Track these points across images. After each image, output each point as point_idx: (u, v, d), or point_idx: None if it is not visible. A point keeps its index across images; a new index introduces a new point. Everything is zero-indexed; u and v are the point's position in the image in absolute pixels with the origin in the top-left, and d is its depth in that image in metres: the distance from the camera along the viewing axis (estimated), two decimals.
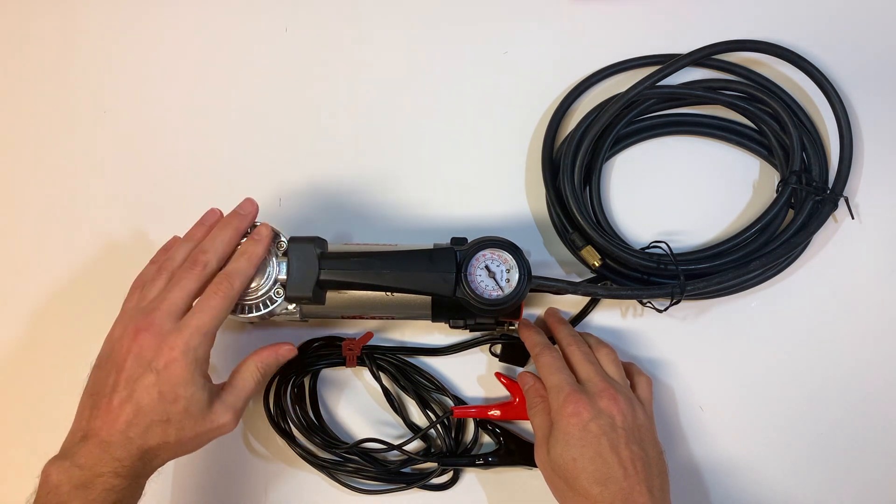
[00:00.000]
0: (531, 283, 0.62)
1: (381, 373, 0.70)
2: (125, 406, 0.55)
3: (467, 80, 0.78)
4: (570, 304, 0.72)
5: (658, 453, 0.60)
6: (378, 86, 0.79)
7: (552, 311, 0.71)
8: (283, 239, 0.61)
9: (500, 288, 0.61)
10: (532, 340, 0.66)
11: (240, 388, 0.60)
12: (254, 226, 0.63)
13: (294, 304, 0.63)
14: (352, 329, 0.73)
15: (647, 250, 0.69)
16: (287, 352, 0.62)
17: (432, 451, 0.70)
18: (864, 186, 0.73)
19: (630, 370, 0.67)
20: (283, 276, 0.60)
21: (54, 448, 0.57)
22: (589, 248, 0.69)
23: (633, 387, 0.65)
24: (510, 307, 0.62)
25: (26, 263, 0.76)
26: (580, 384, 0.61)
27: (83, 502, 0.53)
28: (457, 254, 0.62)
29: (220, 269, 0.60)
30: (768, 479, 0.69)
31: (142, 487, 0.57)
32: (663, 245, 0.68)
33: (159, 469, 0.59)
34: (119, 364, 0.56)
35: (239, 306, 0.60)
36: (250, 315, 0.61)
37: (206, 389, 0.57)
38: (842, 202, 0.70)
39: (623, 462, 0.56)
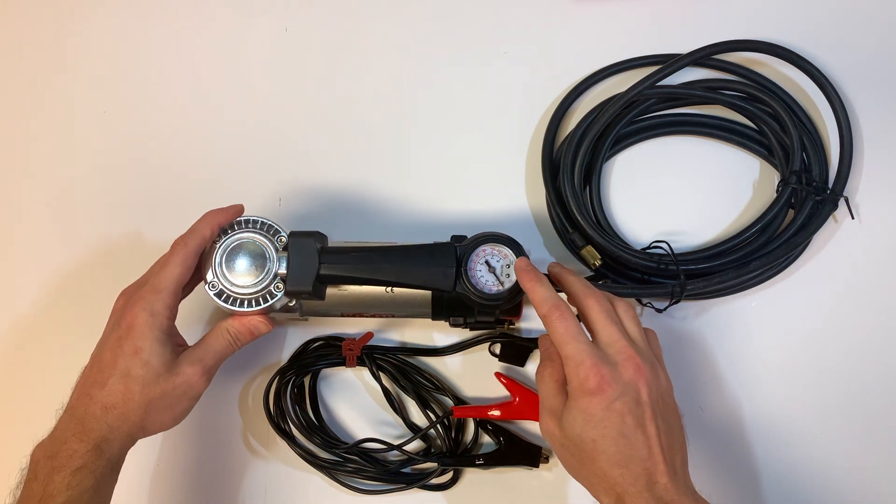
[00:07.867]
0: None
1: (381, 373, 0.70)
2: (91, 368, 0.58)
3: (467, 80, 0.78)
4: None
5: (679, 423, 0.56)
6: (378, 85, 0.79)
7: (557, 265, 0.62)
8: (283, 234, 0.62)
9: (501, 283, 0.61)
10: (539, 295, 0.57)
11: (206, 344, 0.61)
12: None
13: (294, 300, 0.63)
14: (352, 329, 0.73)
15: (647, 250, 0.69)
16: (260, 323, 0.62)
17: (432, 451, 0.70)
18: (864, 186, 0.73)
19: None
20: (282, 271, 0.60)
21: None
22: (589, 247, 0.69)
23: None
24: (510, 303, 0.62)
25: (24, 263, 0.76)
26: (600, 350, 0.54)
27: (50, 470, 0.54)
28: (457, 249, 0.62)
29: (201, 250, 0.61)
30: (768, 480, 0.69)
31: (109, 460, 0.56)
32: (664, 245, 0.68)
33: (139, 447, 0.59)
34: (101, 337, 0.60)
35: (239, 300, 0.60)
36: (250, 310, 0.60)
37: (170, 345, 0.58)
38: (842, 202, 0.70)
39: (648, 439, 0.52)
